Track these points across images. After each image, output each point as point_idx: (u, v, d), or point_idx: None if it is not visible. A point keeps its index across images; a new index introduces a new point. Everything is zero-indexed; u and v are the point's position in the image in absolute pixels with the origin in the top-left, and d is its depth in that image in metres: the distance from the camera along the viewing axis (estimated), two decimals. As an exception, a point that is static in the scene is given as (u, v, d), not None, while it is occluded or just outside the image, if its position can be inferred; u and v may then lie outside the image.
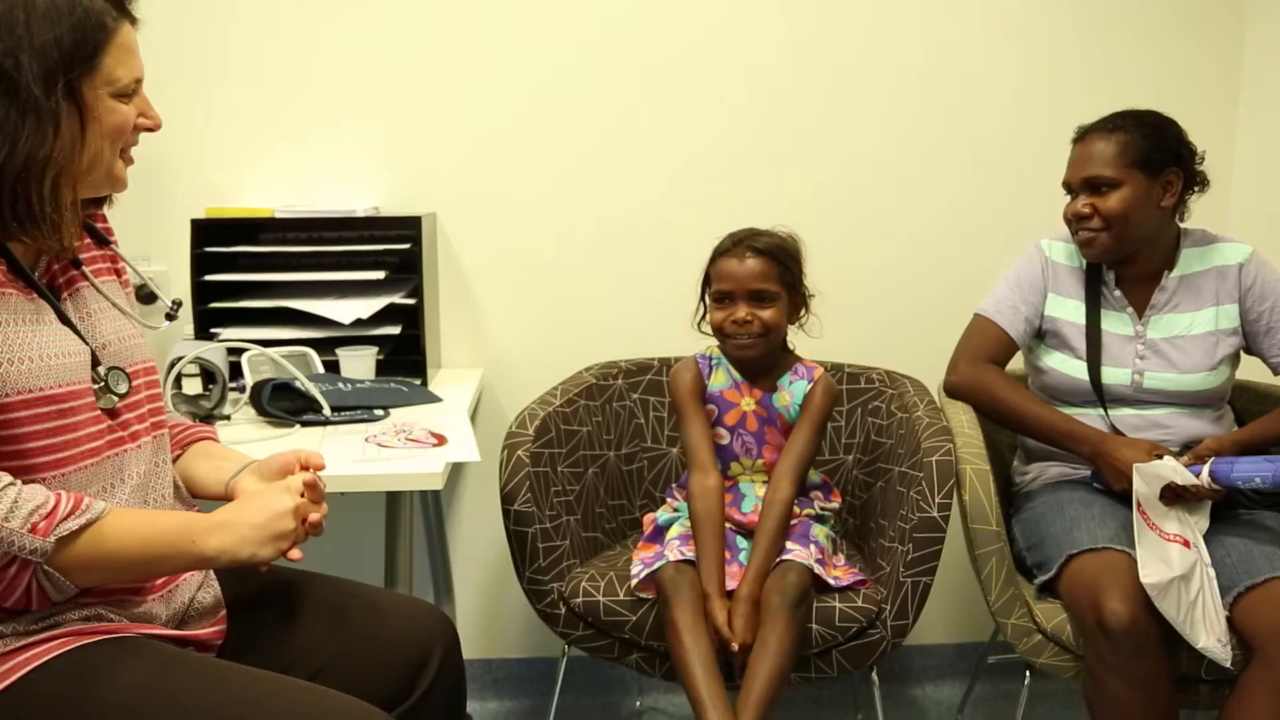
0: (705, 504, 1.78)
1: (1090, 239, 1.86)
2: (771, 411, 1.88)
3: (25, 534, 1.03)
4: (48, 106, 1.07)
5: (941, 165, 2.34)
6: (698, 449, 1.84)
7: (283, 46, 2.21)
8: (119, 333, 1.25)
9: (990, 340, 1.95)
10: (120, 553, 1.10)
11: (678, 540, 1.79)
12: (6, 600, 1.07)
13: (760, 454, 1.89)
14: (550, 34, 2.24)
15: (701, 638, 1.64)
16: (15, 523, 1.02)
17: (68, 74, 1.08)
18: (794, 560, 1.72)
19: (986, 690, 2.46)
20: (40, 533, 1.04)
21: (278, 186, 2.25)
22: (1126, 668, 1.56)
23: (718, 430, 1.90)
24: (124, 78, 1.14)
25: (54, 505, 1.06)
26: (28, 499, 1.04)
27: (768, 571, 1.72)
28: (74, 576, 1.09)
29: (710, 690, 1.59)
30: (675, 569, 1.71)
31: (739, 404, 1.89)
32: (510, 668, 2.48)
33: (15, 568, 1.05)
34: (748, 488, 1.89)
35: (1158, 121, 1.84)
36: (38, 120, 1.07)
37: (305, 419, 1.81)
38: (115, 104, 1.14)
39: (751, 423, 1.89)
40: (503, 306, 2.34)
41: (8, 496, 1.03)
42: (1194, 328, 1.88)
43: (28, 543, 1.03)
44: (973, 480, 1.76)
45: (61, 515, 1.06)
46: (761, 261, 1.81)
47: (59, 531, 1.05)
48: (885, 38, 2.29)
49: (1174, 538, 1.64)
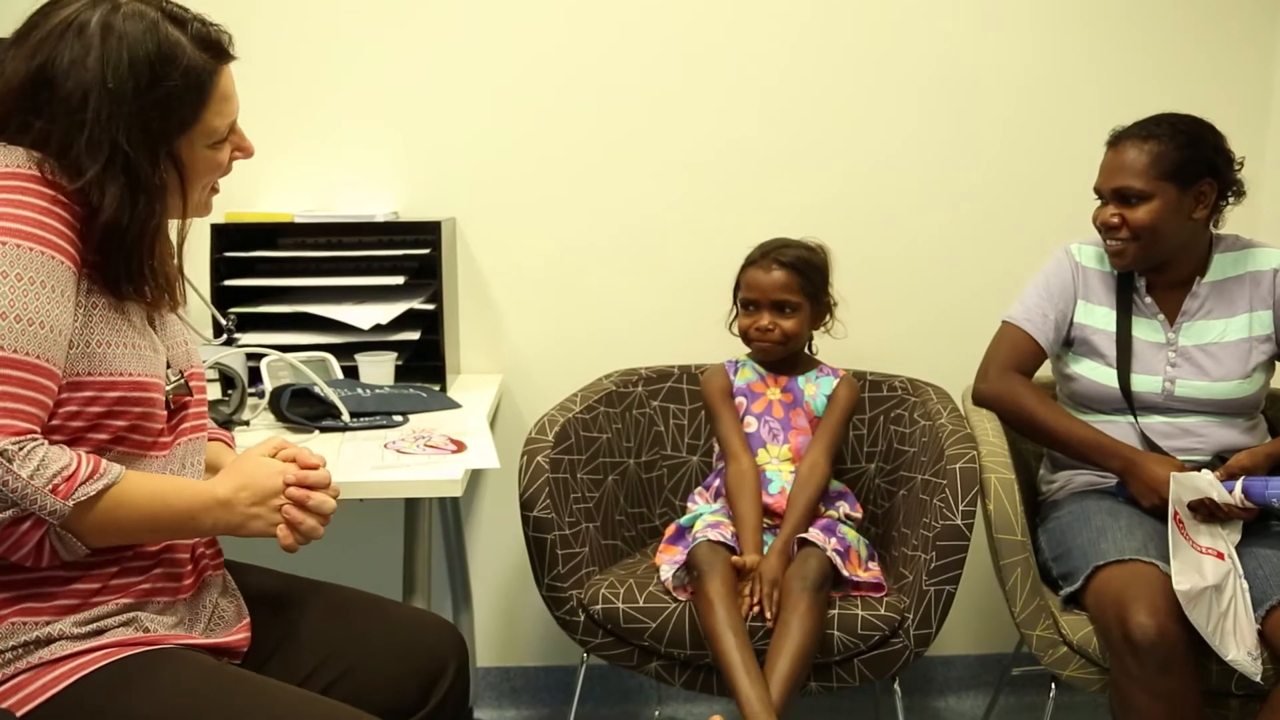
0: (740, 482, 1.88)
1: (1119, 250, 1.83)
2: (798, 395, 1.98)
3: (47, 494, 1.04)
4: (154, 182, 1.13)
5: (963, 170, 2.32)
6: (729, 439, 1.95)
7: (302, 52, 2.21)
8: (176, 336, 1.29)
9: (1020, 349, 1.92)
10: (131, 519, 1.13)
11: (708, 528, 1.82)
12: (13, 555, 1.08)
13: (786, 439, 1.97)
14: (570, 38, 2.24)
15: (734, 608, 1.68)
16: (39, 481, 1.04)
17: (169, 143, 1.14)
18: (815, 546, 1.75)
19: (1010, 703, 2.43)
20: (61, 495, 1.05)
21: (297, 191, 2.25)
22: (1153, 682, 1.53)
23: (746, 419, 1.98)
24: (221, 127, 1.19)
25: (75, 467, 1.07)
26: (54, 459, 1.06)
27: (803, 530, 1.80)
28: (86, 538, 1.10)
29: (743, 657, 1.61)
30: (709, 547, 1.75)
31: (764, 393, 2.00)
32: (528, 676, 2.47)
33: (29, 524, 1.06)
34: (774, 474, 1.94)
35: (1194, 129, 1.79)
36: (148, 196, 1.13)
37: (324, 425, 1.80)
38: (210, 152, 1.20)
39: (778, 410, 1.98)
40: (522, 312, 2.34)
41: (35, 455, 1.04)
42: (1227, 334, 1.85)
43: (48, 503, 1.05)
44: (997, 489, 1.74)
45: (82, 478, 1.07)
46: (785, 273, 1.93)
47: (78, 495, 1.06)
48: (906, 40, 2.27)
49: (1207, 550, 1.62)
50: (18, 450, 1.03)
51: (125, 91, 1.09)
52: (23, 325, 1.05)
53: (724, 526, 1.83)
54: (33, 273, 1.06)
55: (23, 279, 1.05)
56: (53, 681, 1.10)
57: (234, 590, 1.35)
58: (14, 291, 1.04)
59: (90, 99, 1.08)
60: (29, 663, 1.10)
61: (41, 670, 1.10)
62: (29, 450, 1.04)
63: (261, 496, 1.21)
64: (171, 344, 1.27)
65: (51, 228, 1.08)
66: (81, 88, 1.08)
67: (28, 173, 1.08)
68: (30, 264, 1.06)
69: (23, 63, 1.09)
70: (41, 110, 1.09)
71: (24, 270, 1.05)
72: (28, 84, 1.09)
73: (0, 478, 1.01)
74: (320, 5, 2.21)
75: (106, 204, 1.09)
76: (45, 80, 1.09)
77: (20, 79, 1.09)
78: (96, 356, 1.12)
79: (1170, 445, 1.83)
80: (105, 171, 1.09)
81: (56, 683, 1.10)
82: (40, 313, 1.06)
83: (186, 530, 1.20)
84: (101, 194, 1.09)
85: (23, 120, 1.10)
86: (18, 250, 1.05)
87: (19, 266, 1.05)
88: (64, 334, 1.09)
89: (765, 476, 1.93)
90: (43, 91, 1.09)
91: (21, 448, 1.03)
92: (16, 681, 1.10)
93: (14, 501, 1.03)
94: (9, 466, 1.02)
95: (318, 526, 1.24)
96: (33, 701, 1.09)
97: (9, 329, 1.04)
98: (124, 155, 1.10)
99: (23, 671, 1.10)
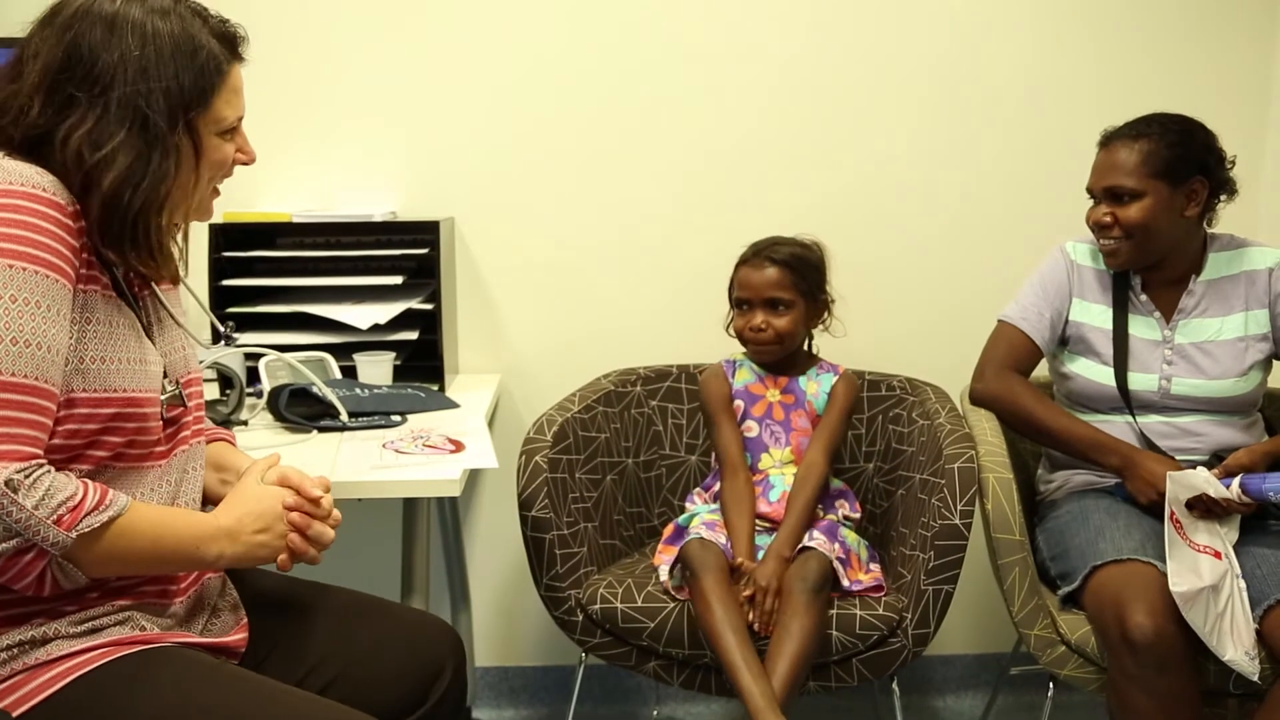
0: (735, 497, 1.86)
1: (1114, 249, 1.84)
2: (799, 395, 1.96)
3: (50, 524, 1.04)
4: (173, 142, 1.15)
5: (961, 169, 2.32)
6: (728, 450, 1.92)
7: (301, 52, 2.21)
8: (174, 343, 1.29)
9: (1017, 348, 1.92)
10: (132, 550, 1.12)
11: (703, 526, 1.82)
12: (15, 584, 1.07)
13: (788, 441, 1.95)
14: (569, 39, 2.24)
15: (731, 605, 1.67)
16: (43, 512, 1.03)
17: (187, 112, 1.16)
18: (817, 549, 1.74)
19: (1008, 702, 2.43)
20: (64, 525, 1.05)
21: (296, 191, 2.25)
22: (1150, 681, 1.53)
23: (746, 424, 1.96)
24: (229, 117, 1.22)
25: (81, 498, 1.07)
26: (59, 489, 1.05)
27: (799, 537, 1.77)
28: (87, 568, 1.10)
29: (744, 654, 1.61)
30: (700, 544, 1.75)
31: (764, 395, 1.96)
32: (526, 676, 2.47)
33: (32, 555, 1.05)
34: (777, 479, 1.93)
35: (1185, 127, 1.80)
36: (164, 154, 1.14)
37: (322, 425, 1.80)
38: (219, 141, 1.22)
39: (778, 412, 1.95)
40: (521, 312, 2.34)
41: (41, 485, 1.04)
42: (1223, 333, 1.85)
43: (51, 534, 1.04)
44: (995, 488, 1.74)
45: (87, 509, 1.07)
46: (778, 271, 1.90)
47: (81, 527, 1.06)
48: (905, 41, 2.27)
49: (1204, 549, 1.62)
50: (24, 479, 1.02)
51: (149, 60, 1.12)
52: (19, 348, 1.04)
53: (719, 527, 1.83)
54: (28, 293, 1.06)
55: (17, 300, 1.05)
56: (50, 681, 1.09)
57: (231, 591, 1.36)
58: (9, 314, 1.04)
59: (123, 70, 1.11)
60: (25, 663, 1.10)
61: (38, 670, 1.10)
62: (35, 479, 1.03)
63: (265, 523, 1.23)
64: (169, 350, 1.27)
65: (48, 246, 1.08)
66: (113, 60, 1.11)
67: (22, 190, 1.07)
68: (26, 285, 1.05)
69: (55, 41, 1.12)
70: (80, 81, 1.11)
71: (18, 291, 1.05)
72: (64, 60, 1.11)
73: (5, 508, 1.01)
74: (318, 6, 2.21)
75: (117, 163, 1.11)
76: (79, 56, 1.11)
77: (56, 58, 1.11)
78: (90, 373, 1.12)
79: (1168, 445, 1.83)
80: (127, 135, 1.12)
81: (53, 682, 1.09)
82: (36, 333, 1.06)
83: (191, 561, 1.20)
84: (114, 154, 1.11)
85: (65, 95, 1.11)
86: (10, 271, 1.05)
87: (13, 288, 1.05)
88: (61, 353, 1.09)
89: (768, 482, 1.92)
90: (79, 65, 1.11)
91: (28, 475, 1.03)
92: (13, 681, 1.09)
93: (17, 532, 1.03)
94: (14, 497, 1.01)
95: (318, 556, 1.28)
96: (30, 701, 1.08)
97: (5, 352, 1.03)
98: (143, 117, 1.12)
99: (19, 672, 1.10)
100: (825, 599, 1.71)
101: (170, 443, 1.24)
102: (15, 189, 1.07)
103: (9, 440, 1.03)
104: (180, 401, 1.26)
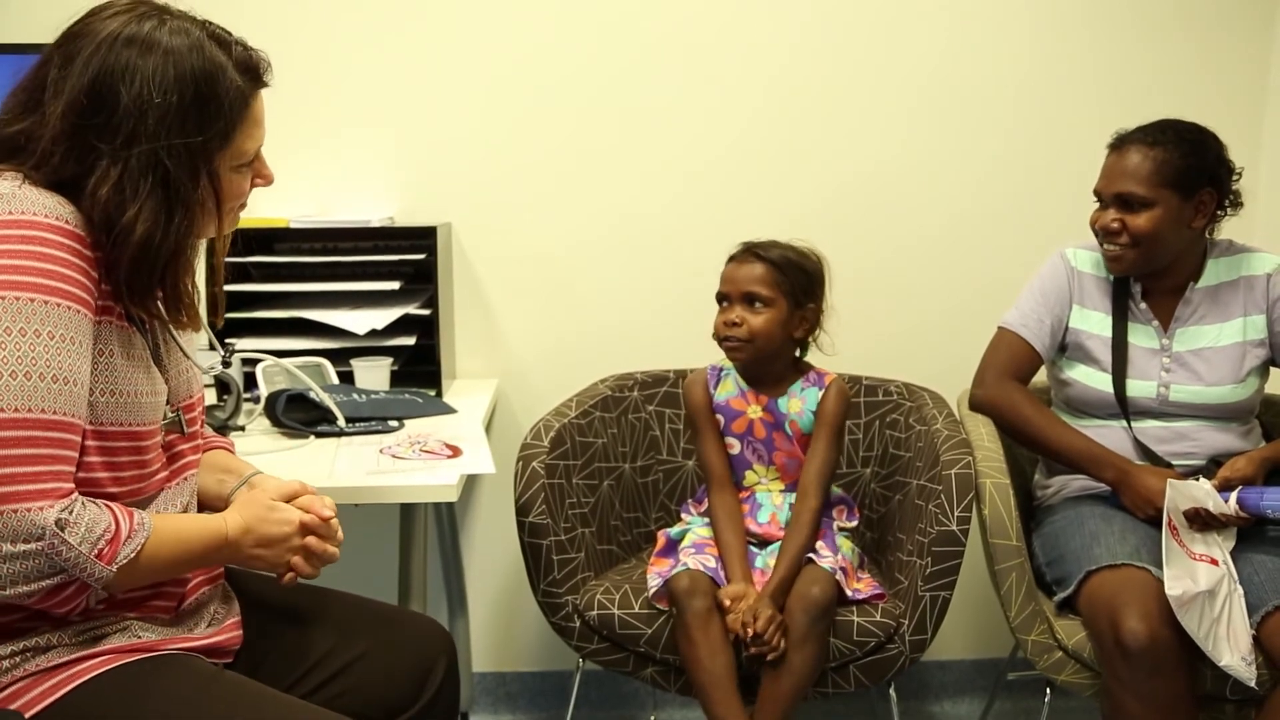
0: (722, 513, 1.82)
1: (1117, 255, 1.83)
2: (779, 416, 1.87)
3: (94, 560, 1.05)
4: (195, 196, 1.13)
5: (959, 173, 2.32)
6: (711, 463, 1.87)
7: (298, 59, 2.21)
8: (179, 364, 1.29)
9: (1017, 355, 1.92)
10: (154, 568, 1.14)
11: (692, 549, 1.79)
12: (57, 611, 1.09)
13: (772, 460, 1.89)
14: (564, 46, 2.24)
15: (717, 653, 1.64)
16: (87, 548, 1.04)
17: (210, 161, 1.14)
18: (820, 566, 1.72)
19: (1006, 707, 2.43)
20: (106, 560, 1.06)
21: (293, 197, 2.24)
22: (1144, 687, 1.53)
23: (729, 440, 1.89)
24: (250, 150, 1.21)
25: (116, 527, 1.08)
26: (96, 521, 1.06)
27: (793, 579, 1.71)
28: (116, 590, 1.13)
29: (727, 709, 1.60)
30: (690, 577, 1.70)
31: (745, 412, 1.88)
32: (523, 681, 2.46)
33: (74, 587, 1.07)
34: (764, 497, 1.88)
35: (1199, 138, 1.79)
36: (186, 209, 1.13)
37: (320, 430, 1.80)
38: (237, 177, 1.20)
39: (759, 430, 1.88)
40: (518, 317, 2.34)
41: (82, 520, 1.05)
42: (1220, 339, 1.85)
43: (96, 570, 1.06)
44: (992, 494, 1.74)
45: (124, 538, 1.08)
46: (763, 267, 1.80)
47: (120, 560, 1.07)
48: (901, 43, 2.27)
49: (1201, 557, 1.62)
50: (69, 517, 1.03)
51: (170, 106, 1.09)
52: (59, 385, 1.05)
53: (710, 549, 1.79)
54: (63, 329, 1.06)
55: (55, 336, 1.05)
56: (51, 689, 1.09)
57: (230, 592, 1.37)
58: (48, 351, 1.04)
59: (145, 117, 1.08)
60: (26, 670, 1.10)
61: (40, 677, 1.10)
62: (76, 515, 1.04)
63: (266, 543, 1.24)
64: (174, 372, 1.27)
65: (74, 280, 1.07)
66: (135, 106, 1.08)
67: (46, 222, 1.06)
68: (61, 321, 1.06)
69: (75, 81, 1.08)
70: (102, 131, 1.08)
71: (55, 328, 1.05)
72: (85, 105, 1.08)
73: (56, 549, 1.02)
74: (315, 13, 2.21)
75: (143, 219, 1.09)
76: (100, 100, 1.08)
77: (78, 102, 1.08)
78: (97, 406, 1.11)
79: (1165, 450, 1.83)
80: (150, 190, 1.09)
81: (54, 690, 1.10)
82: (68, 369, 1.06)
83: (200, 566, 1.24)
84: (139, 211, 1.09)
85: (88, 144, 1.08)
86: (47, 307, 1.05)
87: (50, 324, 1.05)
88: (86, 385, 1.09)
89: (755, 501, 1.88)
90: (100, 112, 1.08)
91: (72, 513, 1.04)
92: (14, 689, 1.09)
93: (63, 568, 1.04)
94: (63, 537, 1.02)
95: (317, 572, 1.29)
96: (31, 710, 1.08)
97: (47, 390, 1.04)
98: (164, 170, 1.10)
99: (20, 679, 1.10)
100: (828, 626, 1.68)
101: (170, 467, 1.24)
102: (40, 220, 1.06)
103: (52, 478, 1.04)
104: (179, 429, 1.25)
